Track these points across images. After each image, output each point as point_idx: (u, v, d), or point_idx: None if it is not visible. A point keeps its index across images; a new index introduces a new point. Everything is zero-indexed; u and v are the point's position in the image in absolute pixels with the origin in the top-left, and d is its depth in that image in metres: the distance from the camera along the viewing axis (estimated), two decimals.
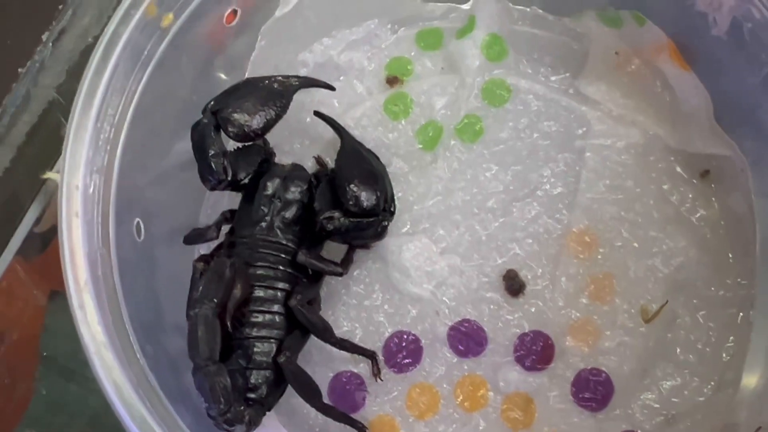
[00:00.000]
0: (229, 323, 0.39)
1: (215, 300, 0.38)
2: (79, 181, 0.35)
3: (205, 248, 0.42)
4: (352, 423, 0.40)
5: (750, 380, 0.40)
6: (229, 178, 0.40)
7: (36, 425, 0.58)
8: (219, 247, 0.42)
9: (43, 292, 0.63)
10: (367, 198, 0.40)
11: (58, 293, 0.62)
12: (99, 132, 0.37)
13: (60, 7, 0.51)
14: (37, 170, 0.49)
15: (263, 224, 0.40)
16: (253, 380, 0.38)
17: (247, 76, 0.44)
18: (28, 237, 0.51)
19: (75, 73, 0.51)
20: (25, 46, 0.50)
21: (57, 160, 0.46)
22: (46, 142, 0.50)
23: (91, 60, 0.37)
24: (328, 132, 0.43)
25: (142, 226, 0.39)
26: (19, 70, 0.50)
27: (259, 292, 0.39)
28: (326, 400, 0.41)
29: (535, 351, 0.41)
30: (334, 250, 0.42)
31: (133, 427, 0.32)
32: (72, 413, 0.59)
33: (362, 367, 0.42)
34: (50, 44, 0.51)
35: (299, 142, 0.45)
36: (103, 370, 0.33)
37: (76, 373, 0.62)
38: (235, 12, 0.42)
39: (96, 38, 0.50)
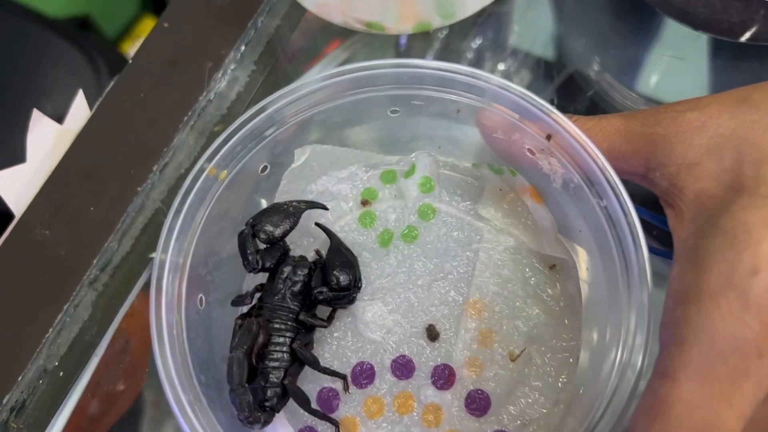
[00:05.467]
0: (253, 359, 0.41)
1: (245, 347, 0.40)
2: (164, 275, 0.38)
3: (245, 308, 0.44)
4: (330, 420, 0.42)
5: (574, 400, 0.42)
6: (260, 267, 0.43)
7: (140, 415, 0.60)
8: (253, 307, 0.44)
9: None
10: (344, 280, 0.42)
11: None
12: (181, 241, 0.40)
13: (164, 149, 0.54)
14: (147, 252, 0.52)
15: (279, 295, 0.43)
16: (268, 395, 0.41)
17: (274, 202, 0.46)
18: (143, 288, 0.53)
19: (173, 190, 0.54)
20: (142, 174, 0.53)
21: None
22: (153, 234, 0.53)
23: (176, 199, 0.40)
24: (324, 234, 0.46)
25: (203, 299, 0.42)
26: (138, 188, 0.53)
27: (275, 339, 0.42)
28: (314, 405, 0.43)
29: (444, 377, 0.43)
30: (322, 310, 0.44)
31: (186, 429, 0.35)
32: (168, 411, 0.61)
33: (337, 385, 0.44)
34: (158, 172, 0.54)
35: (306, 240, 0.48)
36: (171, 392, 0.36)
37: None
38: (266, 167, 0.45)
39: (187, 170, 0.54)
